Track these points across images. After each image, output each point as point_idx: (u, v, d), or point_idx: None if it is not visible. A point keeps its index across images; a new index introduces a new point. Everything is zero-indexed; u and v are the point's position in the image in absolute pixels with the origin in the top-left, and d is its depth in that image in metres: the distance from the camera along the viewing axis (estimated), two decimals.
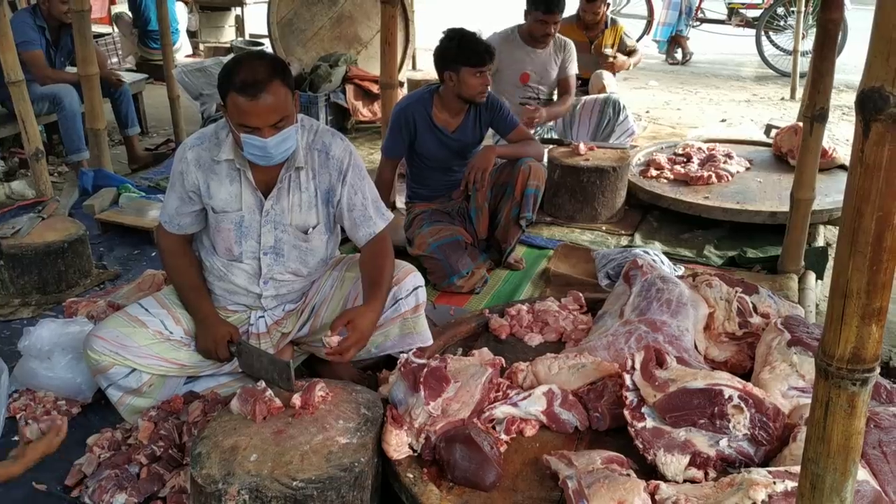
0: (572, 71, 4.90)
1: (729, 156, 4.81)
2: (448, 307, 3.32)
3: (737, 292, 2.74)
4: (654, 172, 4.60)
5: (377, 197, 2.55)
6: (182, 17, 8.53)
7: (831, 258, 3.65)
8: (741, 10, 10.07)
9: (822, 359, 1.21)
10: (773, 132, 5.46)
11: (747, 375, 2.40)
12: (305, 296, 2.62)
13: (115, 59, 7.88)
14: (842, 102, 7.45)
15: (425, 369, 2.11)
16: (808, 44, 7.28)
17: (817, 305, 3.39)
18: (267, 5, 6.22)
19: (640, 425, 2.09)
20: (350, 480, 1.90)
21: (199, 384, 2.55)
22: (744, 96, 8.19)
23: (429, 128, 3.56)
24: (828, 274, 3.60)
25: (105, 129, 4.60)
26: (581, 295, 3.04)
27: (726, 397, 2.05)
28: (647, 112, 7.17)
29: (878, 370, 1.21)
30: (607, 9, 5.57)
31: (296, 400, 2.12)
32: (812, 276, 3.59)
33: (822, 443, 1.24)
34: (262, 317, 2.58)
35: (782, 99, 7.98)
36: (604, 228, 4.25)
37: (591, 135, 5.11)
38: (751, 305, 2.72)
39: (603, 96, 5.21)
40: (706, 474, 2.00)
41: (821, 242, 4.03)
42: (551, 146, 4.58)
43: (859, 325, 1.16)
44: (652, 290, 2.70)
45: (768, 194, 4.33)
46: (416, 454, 2.09)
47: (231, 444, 1.98)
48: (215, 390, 2.51)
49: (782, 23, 9.29)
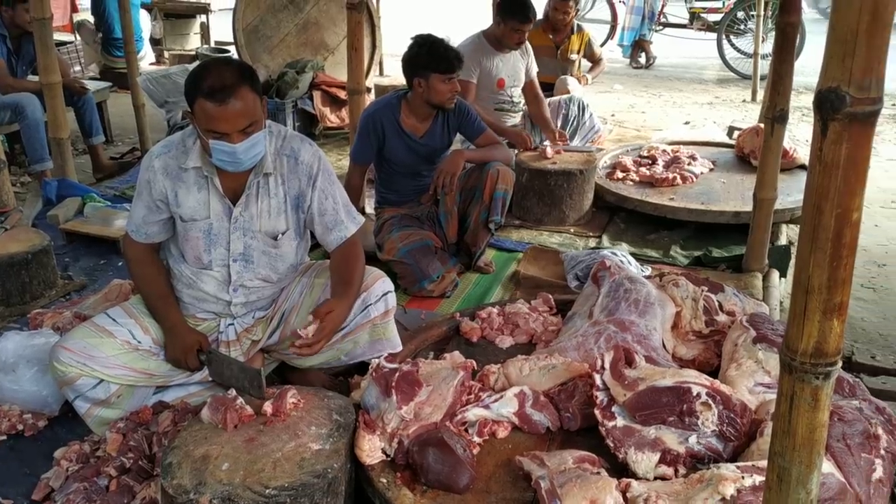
0: (534, 73, 4.94)
1: (693, 157, 4.89)
2: (419, 311, 3.33)
3: (703, 291, 2.79)
4: (620, 175, 4.66)
5: (348, 201, 2.55)
6: (146, 25, 8.43)
7: (794, 256, 3.71)
8: (703, 15, 10.24)
9: (786, 354, 1.24)
10: (736, 134, 5.54)
11: (715, 373, 2.43)
12: (275, 303, 2.61)
13: (77, 68, 7.75)
14: (801, 104, 7.58)
15: (397, 374, 2.11)
16: (767, 47, 7.41)
17: (781, 303, 3.44)
18: (232, 12, 6.16)
19: (610, 424, 2.11)
20: (323, 487, 1.90)
21: (168, 394, 2.52)
22: (706, 99, 8.31)
23: (397, 133, 3.57)
24: (791, 272, 3.67)
25: (69, 138, 4.52)
26: (550, 297, 3.07)
27: (694, 395, 2.08)
28: (613, 115, 7.24)
29: (840, 364, 1.23)
30: (576, 13, 5.61)
31: (267, 407, 2.11)
32: (776, 274, 3.66)
33: (787, 436, 1.26)
34: (232, 324, 2.56)
35: (744, 101, 8.11)
36: (572, 230, 4.29)
37: None
38: (717, 304, 2.77)
39: (567, 96, 5.27)
40: (676, 471, 2.03)
41: (783, 241, 4.10)
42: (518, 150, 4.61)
43: (821, 321, 1.19)
44: (620, 290, 2.73)
45: (732, 195, 4.41)
46: (389, 459, 2.09)
47: (202, 454, 1.96)
48: (185, 400, 2.48)
49: (743, 26, 9.45)
